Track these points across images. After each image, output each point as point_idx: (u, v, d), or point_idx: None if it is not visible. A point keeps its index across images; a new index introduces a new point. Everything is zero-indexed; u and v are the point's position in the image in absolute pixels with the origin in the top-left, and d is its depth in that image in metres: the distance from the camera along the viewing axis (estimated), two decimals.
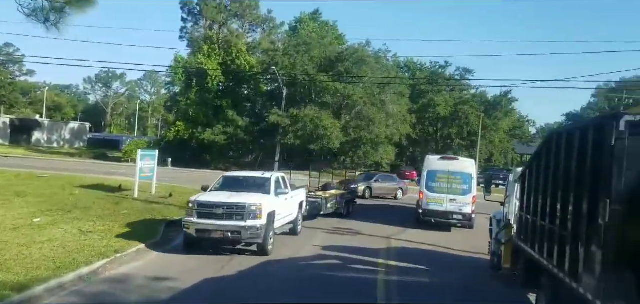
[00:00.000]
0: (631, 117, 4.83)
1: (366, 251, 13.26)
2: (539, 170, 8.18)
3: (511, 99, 58.70)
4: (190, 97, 48.51)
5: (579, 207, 5.68)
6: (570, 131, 6.36)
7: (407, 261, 12.39)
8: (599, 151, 5.20)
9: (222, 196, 12.14)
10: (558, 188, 6.68)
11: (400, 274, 11.09)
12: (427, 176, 18.70)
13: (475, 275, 11.74)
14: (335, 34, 59.16)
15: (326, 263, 11.71)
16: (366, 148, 50.80)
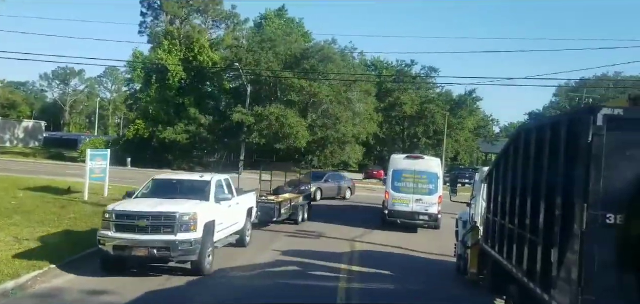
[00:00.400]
0: (609, 111, 4.33)
1: (329, 255, 12.64)
2: (507, 169, 7.70)
3: (476, 98, 59.44)
4: (150, 94, 46.95)
5: (551, 212, 5.17)
6: (540, 126, 5.86)
7: (371, 265, 11.83)
8: (573, 149, 4.69)
9: (148, 203, 10.16)
10: (527, 189, 6.18)
11: (363, 280, 10.52)
12: (393, 175, 18.22)
13: (440, 279, 11.28)
14: (301, 32, 58.50)
15: (285, 270, 11.02)
16: (333, 147, 50.40)
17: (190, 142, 47.11)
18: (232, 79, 51.83)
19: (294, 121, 43.51)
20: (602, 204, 4.30)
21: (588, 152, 4.37)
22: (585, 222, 4.34)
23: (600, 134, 4.31)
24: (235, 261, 11.25)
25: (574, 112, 4.87)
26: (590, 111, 4.39)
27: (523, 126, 6.82)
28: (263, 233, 14.94)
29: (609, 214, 4.29)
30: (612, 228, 4.29)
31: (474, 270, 10.15)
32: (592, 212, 4.32)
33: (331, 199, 26.50)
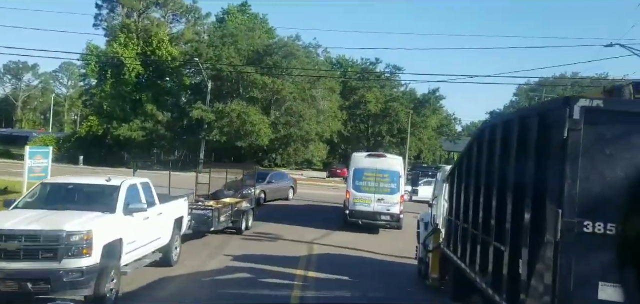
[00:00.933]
0: (587, 102, 3.75)
1: (284, 259, 11.87)
2: (470, 168, 7.14)
3: (439, 97, 59.92)
4: (105, 90, 44.95)
5: (520, 217, 4.58)
6: (507, 121, 5.29)
7: (329, 270, 11.14)
8: (546, 147, 4.11)
9: (25, 218, 7.55)
10: (493, 191, 5.61)
11: (319, 287, 9.82)
12: (354, 174, 17.58)
13: (401, 285, 10.70)
14: (265, 28, 57.37)
15: (235, 278, 10.18)
16: (296, 145, 49.68)
17: (147, 139, 45.35)
18: (192, 75, 50.31)
19: (256, 119, 42.47)
20: (580, 210, 3.73)
21: (563, 150, 3.79)
22: (559, 231, 3.75)
23: (577, 128, 3.73)
24: (179, 268, 10.34)
25: (547, 104, 4.27)
26: (565, 103, 3.81)
27: (488, 122, 6.23)
28: (214, 236, 14.02)
29: (587, 221, 3.72)
30: (590, 237, 3.72)
31: (435, 275, 9.64)
32: (568, 220, 3.74)
33: (275, 201, 23.79)
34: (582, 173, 3.73)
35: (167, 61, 46.32)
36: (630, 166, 3.71)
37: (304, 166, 57.38)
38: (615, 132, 3.74)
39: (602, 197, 3.74)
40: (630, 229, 3.73)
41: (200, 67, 44.25)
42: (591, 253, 3.75)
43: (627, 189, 3.71)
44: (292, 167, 54.54)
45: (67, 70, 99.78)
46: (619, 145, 3.73)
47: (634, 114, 3.78)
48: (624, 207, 3.72)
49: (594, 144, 3.75)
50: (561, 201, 3.76)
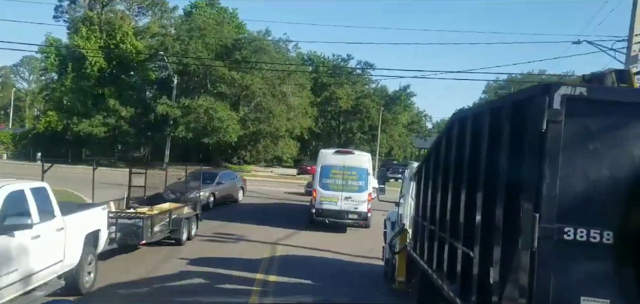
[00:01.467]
0: (569, 90, 3.22)
1: (245, 263, 11.21)
2: (438, 166, 6.61)
3: (410, 94, 60.08)
4: (65, 84, 43.05)
5: (491, 221, 4.06)
6: (478, 113, 4.76)
7: (291, 274, 10.50)
8: (521, 141, 3.58)
9: None
10: (461, 192, 5.09)
11: (279, 293, 9.20)
12: (321, 172, 17.08)
13: (366, 288, 10.19)
14: (235, 23, 56.16)
15: (188, 284, 9.45)
16: (266, 142, 48.88)
17: (110, 136, 43.70)
18: (158, 70, 48.80)
19: (224, 115, 41.40)
20: (560, 214, 3.21)
21: (541, 145, 3.25)
22: (536, 239, 3.23)
23: (558, 120, 3.20)
24: (128, 274, 9.55)
25: (522, 92, 3.73)
26: (544, 91, 3.27)
27: (457, 114, 5.69)
28: None
29: (568, 227, 3.20)
30: (571, 246, 3.21)
31: (401, 278, 9.16)
32: (546, 226, 3.21)
33: (223, 205, 21.22)
34: (562, 172, 3.21)
35: (132, 55, 44.69)
36: (618, 164, 3.21)
37: (274, 163, 56.59)
38: (601, 124, 3.23)
39: (586, 200, 3.23)
40: (620, 236, 3.26)
41: (165, 62, 42.93)
42: (573, 264, 3.23)
43: (614, 190, 3.23)
44: (262, 165, 53.70)
45: (28, 64, 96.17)
46: (606, 139, 3.22)
47: (623, 104, 3.27)
48: (612, 211, 3.24)
49: (577, 138, 3.23)
50: (538, 203, 3.23)
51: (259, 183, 32.87)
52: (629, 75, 4.02)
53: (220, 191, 21.28)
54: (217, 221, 16.82)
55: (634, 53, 13.83)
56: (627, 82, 3.99)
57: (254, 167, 51.92)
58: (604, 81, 3.94)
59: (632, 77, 4.01)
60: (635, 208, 3.15)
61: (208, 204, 18.90)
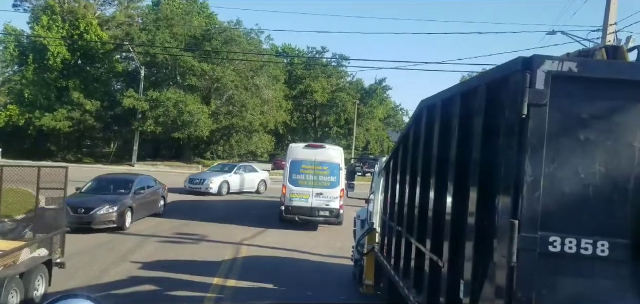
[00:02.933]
0: (555, 65, 2.60)
1: (204, 265, 10.47)
2: (405, 160, 6.01)
3: (386, 87, 59.82)
4: (26, 76, 41.15)
5: (462, 226, 3.43)
6: (448, 98, 4.14)
7: (252, 277, 9.81)
8: (496, 130, 2.96)
9: None
10: (429, 190, 4.47)
11: (237, 299, 8.48)
12: (291, 167, 16.39)
13: (333, 292, 9.55)
14: (206, 13, 54.78)
15: (136, 292, 8.64)
16: (239, 136, 47.87)
17: (75, 130, 42.07)
18: (124, 61, 47.20)
19: (194, 108, 40.17)
20: (544, 221, 2.59)
21: (521, 135, 2.63)
22: (515, 250, 2.60)
23: (542, 103, 2.58)
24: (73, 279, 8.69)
25: (498, 69, 3.08)
26: (525, 66, 2.64)
27: (426, 100, 5.05)
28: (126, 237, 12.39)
29: (554, 237, 2.58)
30: (557, 259, 2.60)
31: (369, 282, 8.63)
32: (527, 235, 2.59)
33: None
34: (547, 168, 2.60)
35: (97, 46, 43.02)
36: (616, 158, 2.60)
37: (249, 158, 55.63)
38: (595, 108, 2.62)
39: (576, 203, 2.62)
40: (619, 247, 2.66)
41: (132, 52, 41.54)
42: (560, 281, 2.62)
43: (611, 191, 2.63)
44: (235, 159, 52.68)
45: None
46: (601, 127, 2.61)
47: (624, 82, 2.65)
48: (608, 217, 2.64)
49: (565, 126, 2.62)
50: (518, 207, 2.61)
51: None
52: (622, 51, 3.43)
53: (140, 204, 15.11)
54: (178, 219, 16.00)
55: (608, 43, 13.82)
56: (620, 59, 3.40)
57: (228, 162, 50.89)
58: (593, 57, 3.35)
59: (625, 54, 3.43)
60: (638, 213, 2.55)
61: (122, 224, 13.62)
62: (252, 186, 25.36)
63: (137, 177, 16.54)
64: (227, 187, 23.71)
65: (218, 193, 22.95)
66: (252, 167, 27.46)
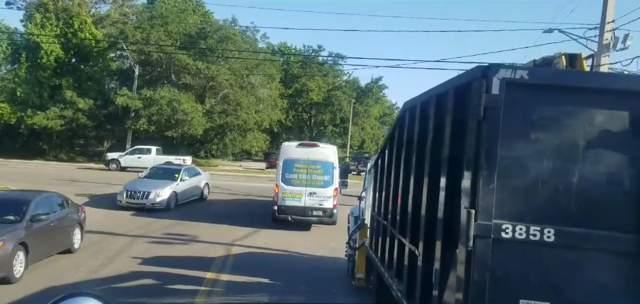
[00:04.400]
0: (508, 73, 3.00)
1: (197, 261, 10.83)
2: (391, 158, 6.44)
3: (382, 86, 60.24)
4: (19, 75, 41.35)
5: (434, 217, 3.84)
6: (426, 100, 4.54)
7: (246, 272, 10.17)
8: (461, 129, 3.35)
9: None
10: (409, 185, 4.89)
11: (232, 292, 8.86)
12: (284, 166, 16.43)
13: (326, 286, 9.94)
14: (201, 11, 55.07)
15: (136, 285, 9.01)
16: (234, 135, 48.14)
17: (67, 129, 42.28)
18: (118, 59, 47.46)
19: (188, 107, 40.43)
20: (498, 210, 2.99)
21: (479, 135, 3.03)
22: (472, 237, 3.00)
23: (497, 106, 2.98)
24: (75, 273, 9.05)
25: (463, 76, 3.48)
26: (482, 74, 3.04)
27: (409, 102, 5.47)
28: (117, 238, 12.69)
29: (507, 224, 2.98)
30: (510, 244, 2.99)
31: (361, 275, 9.05)
32: (483, 223, 2.98)
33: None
34: (501, 163, 2.99)
35: (91, 44, 43.28)
36: (562, 156, 3.00)
37: (243, 157, 55.97)
38: (544, 112, 3.01)
39: (526, 195, 3.02)
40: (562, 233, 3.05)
41: (126, 51, 41.80)
42: (511, 264, 3.02)
43: (557, 184, 3.03)
44: (230, 158, 53.00)
45: None
46: (549, 128, 3.01)
47: (569, 88, 3.05)
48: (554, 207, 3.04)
49: (518, 127, 3.02)
50: (475, 198, 3.01)
51: (222, 178, 32.19)
52: (580, 59, 3.84)
53: (40, 237, 9.87)
54: (168, 219, 16.10)
55: (606, 41, 13.93)
56: (577, 67, 3.81)
57: (222, 161, 51.21)
58: (553, 65, 3.76)
59: (582, 61, 3.83)
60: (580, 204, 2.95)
61: (7, 274, 8.70)
62: (196, 193, 20.96)
63: (37, 196, 10.70)
64: (175, 198, 18.75)
65: (167, 208, 17.80)
66: (195, 169, 22.70)
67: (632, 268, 2.96)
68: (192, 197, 20.16)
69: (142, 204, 17.43)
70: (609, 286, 2.98)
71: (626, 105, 2.97)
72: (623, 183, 2.97)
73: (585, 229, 2.95)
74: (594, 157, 2.98)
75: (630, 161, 2.96)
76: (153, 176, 19.64)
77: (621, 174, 2.97)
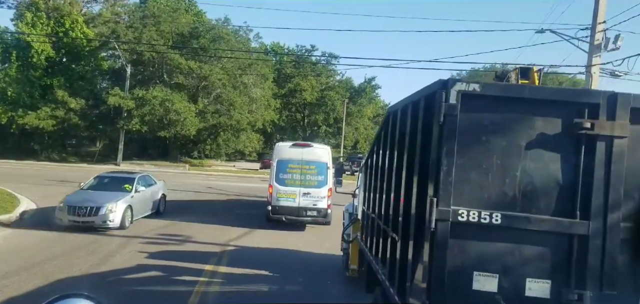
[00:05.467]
0: (464, 86, 3.75)
1: (195, 254, 11.53)
2: (378, 157, 7.22)
3: (375, 86, 61.14)
4: (9, 74, 41.84)
5: (409, 207, 4.58)
6: (404, 106, 5.29)
7: (246, 265, 10.91)
8: (428, 132, 4.10)
9: None
10: (392, 180, 5.64)
11: (230, 283, 9.59)
12: (278, 166, 16.87)
13: (322, 277, 10.70)
14: (194, 10, 55.72)
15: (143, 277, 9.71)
16: (227, 135, 48.82)
17: (59, 129, 42.83)
18: (110, 58, 48.02)
19: (181, 107, 41.09)
20: (455, 198, 3.73)
21: (440, 136, 3.78)
22: (433, 220, 3.75)
23: (453, 114, 3.72)
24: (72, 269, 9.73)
25: (429, 87, 4.24)
26: (442, 86, 3.79)
27: (392, 107, 6.25)
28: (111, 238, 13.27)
29: (462, 210, 3.73)
30: (464, 226, 3.74)
31: (354, 266, 9.83)
32: (443, 208, 3.73)
33: None
34: (458, 160, 3.73)
35: (82, 43, 43.82)
36: (506, 154, 3.75)
37: (237, 157, 56.67)
38: (491, 118, 3.77)
39: (478, 185, 3.77)
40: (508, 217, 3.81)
41: (118, 50, 42.36)
42: (466, 243, 3.77)
43: (503, 177, 3.78)
44: (223, 159, 53.68)
45: None
46: (495, 131, 3.76)
47: (509, 99, 3.81)
48: (501, 196, 3.79)
49: (471, 130, 3.76)
50: (437, 188, 3.75)
51: (215, 178, 32.86)
52: (531, 72, 4.60)
53: None
54: (162, 219, 16.48)
55: (597, 41, 14.42)
56: (528, 79, 4.58)
57: (215, 161, 51.87)
58: (508, 78, 4.52)
59: (533, 74, 4.60)
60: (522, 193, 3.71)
61: None
62: (150, 208, 17.37)
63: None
64: (131, 214, 15.36)
65: (121, 227, 14.49)
66: (151, 178, 18.71)
67: (565, 245, 3.73)
68: (146, 213, 16.76)
69: (89, 223, 14.04)
70: (545, 260, 3.74)
71: (558, 113, 3.73)
72: (556, 176, 3.73)
73: (526, 214, 3.71)
74: (533, 155, 3.74)
75: (562, 158, 3.73)
76: (99, 187, 16.12)
77: (555, 168, 3.74)
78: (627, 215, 3.69)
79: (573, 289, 3.68)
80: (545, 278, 3.73)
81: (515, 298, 3.74)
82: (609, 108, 3.68)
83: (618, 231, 3.66)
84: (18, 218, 15.59)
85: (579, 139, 3.71)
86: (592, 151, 3.69)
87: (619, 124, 3.65)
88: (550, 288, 3.72)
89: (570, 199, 3.71)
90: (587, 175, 3.69)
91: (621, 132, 3.66)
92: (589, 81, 14.82)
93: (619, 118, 3.66)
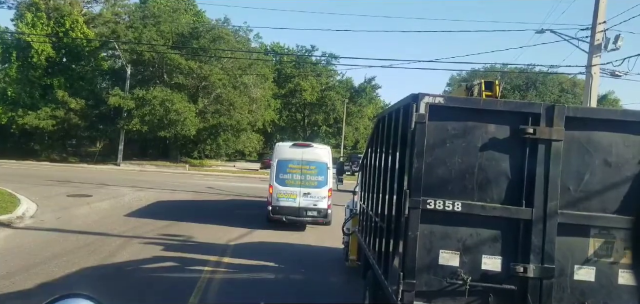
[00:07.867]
0: (431, 99, 4.73)
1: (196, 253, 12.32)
2: (370, 157, 8.26)
3: (375, 86, 62.11)
4: (9, 74, 42.87)
5: (391, 199, 5.60)
6: (389, 113, 6.31)
7: (253, 257, 11.97)
8: (404, 136, 5.09)
9: None
10: (380, 177, 6.67)
11: (235, 271, 10.62)
12: (278, 166, 17.27)
13: (323, 268, 11.74)
14: (194, 10, 56.75)
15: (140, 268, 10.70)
16: (227, 135, 49.72)
17: (59, 129, 43.83)
18: (110, 59, 49.05)
19: (181, 107, 42.05)
20: (425, 190, 4.72)
21: (412, 140, 4.76)
22: (407, 208, 4.73)
23: (422, 122, 4.71)
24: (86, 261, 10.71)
25: (405, 99, 5.27)
26: (413, 99, 4.78)
27: (380, 114, 7.30)
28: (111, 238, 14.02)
29: (430, 200, 4.71)
30: (432, 213, 4.72)
31: (353, 257, 10.84)
32: (414, 198, 4.71)
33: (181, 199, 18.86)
34: (427, 160, 4.72)
35: (82, 44, 44.86)
36: (466, 154, 4.74)
37: (237, 158, 57.63)
38: (455, 125, 4.75)
39: (443, 180, 4.76)
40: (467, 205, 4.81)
41: (118, 50, 43.37)
42: (433, 226, 4.76)
43: (463, 173, 4.77)
44: (223, 159, 54.65)
45: None
46: (458, 136, 4.75)
47: (468, 110, 4.81)
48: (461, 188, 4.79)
49: (437, 136, 4.75)
50: (410, 183, 4.74)
51: (215, 178, 33.60)
52: (494, 85, 5.59)
53: None
54: (161, 220, 16.72)
55: (597, 41, 15.06)
56: (492, 91, 5.56)
57: (216, 161, 52.84)
58: (471, 89, 5.51)
59: (496, 87, 5.59)
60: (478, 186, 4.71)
61: None
62: None
63: None
64: None
65: None
66: None
67: (513, 228, 4.72)
68: None
69: None
70: (497, 240, 4.74)
71: (507, 120, 4.73)
72: (506, 172, 4.73)
73: (481, 203, 4.70)
74: (487, 155, 4.74)
75: (510, 157, 4.73)
76: None
77: (505, 166, 4.73)
78: (564, 203, 4.68)
79: (519, 263, 4.67)
80: (497, 255, 4.73)
81: (474, 271, 4.73)
82: (548, 117, 4.68)
83: (556, 217, 4.65)
84: (18, 218, 15.79)
85: (524, 142, 4.71)
86: (535, 151, 4.69)
87: (556, 130, 4.65)
88: (501, 262, 4.72)
89: (517, 190, 4.72)
90: (531, 171, 4.69)
91: (558, 136, 4.66)
92: (589, 81, 15.38)
93: (556, 125, 4.66)
